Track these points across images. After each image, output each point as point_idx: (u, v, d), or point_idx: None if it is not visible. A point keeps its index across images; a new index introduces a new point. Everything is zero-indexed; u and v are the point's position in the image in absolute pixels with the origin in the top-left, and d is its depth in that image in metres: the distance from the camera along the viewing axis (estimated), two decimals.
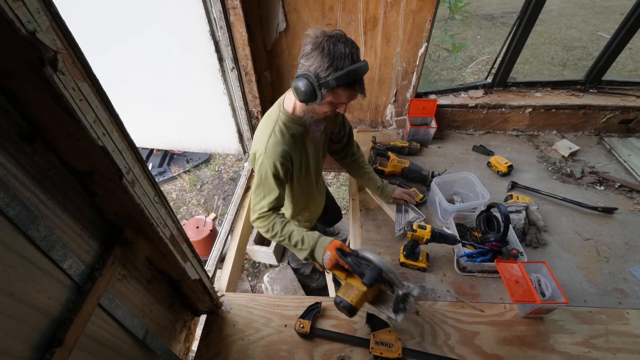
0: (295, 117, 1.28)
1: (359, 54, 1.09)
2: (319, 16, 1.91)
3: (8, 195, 0.53)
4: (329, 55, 1.04)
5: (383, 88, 2.22)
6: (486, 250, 1.45)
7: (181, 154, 3.75)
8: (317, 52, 1.05)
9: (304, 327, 1.26)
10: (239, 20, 1.74)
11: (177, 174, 3.58)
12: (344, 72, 1.04)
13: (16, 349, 0.56)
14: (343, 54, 1.04)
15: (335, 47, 1.04)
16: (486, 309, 1.36)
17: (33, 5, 0.45)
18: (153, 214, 0.80)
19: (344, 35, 1.07)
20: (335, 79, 1.05)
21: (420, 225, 1.39)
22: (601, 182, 1.96)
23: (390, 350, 1.18)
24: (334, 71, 1.05)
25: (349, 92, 1.12)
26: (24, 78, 0.50)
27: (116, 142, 0.65)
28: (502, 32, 5.88)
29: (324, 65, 1.05)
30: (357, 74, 1.07)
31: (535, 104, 2.21)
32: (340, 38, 1.06)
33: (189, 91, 1.95)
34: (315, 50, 1.05)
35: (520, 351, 1.23)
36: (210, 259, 1.74)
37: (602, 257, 1.57)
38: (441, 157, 2.16)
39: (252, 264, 2.75)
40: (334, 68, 1.05)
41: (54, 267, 0.64)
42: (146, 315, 1.00)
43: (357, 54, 1.08)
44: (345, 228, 2.85)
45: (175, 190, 3.50)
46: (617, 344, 1.25)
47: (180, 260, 0.98)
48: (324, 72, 1.05)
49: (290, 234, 1.27)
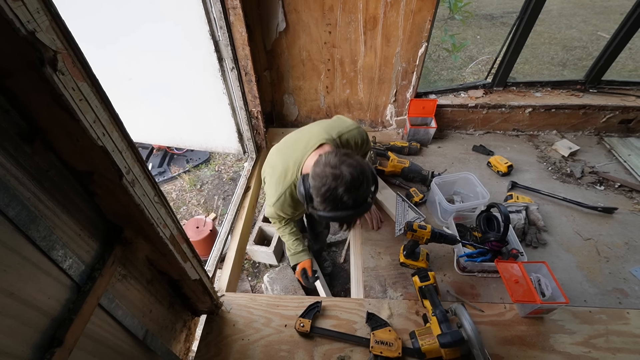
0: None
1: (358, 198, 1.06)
2: (319, 16, 1.91)
3: (8, 195, 0.52)
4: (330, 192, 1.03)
5: (383, 88, 2.22)
6: (486, 250, 1.45)
7: (181, 154, 3.74)
8: (321, 180, 1.04)
9: (304, 326, 1.26)
10: (238, 20, 1.74)
11: (177, 174, 3.58)
12: (329, 216, 1.10)
13: (16, 349, 0.56)
14: (347, 200, 1.04)
15: (344, 193, 1.03)
16: (486, 309, 1.36)
17: (33, 5, 0.45)
18: (153, 214, 0.80)
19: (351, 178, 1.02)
20: (319, 216, 1.11)
21: (420, 225, 1.39)
22: (601, 182, 1.96)
23: (390, 350, 1.18)
24: (328, 208, 1.07)
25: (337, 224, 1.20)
26: (23, 78, 0.50)
27: (116, 142, 0.65)
28: (502, 32, 5.87)
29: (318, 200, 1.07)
30: (345, 218, 1.13)
31: (535, 104, 2.21)
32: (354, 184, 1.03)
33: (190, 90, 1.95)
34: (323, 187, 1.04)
35: (520, 351, 1.23)
36: (210, 259, 1.73)
37: (602, 257, 1.57)
38: (441, 157, 2.16)
39: (252, 264, 2.75)
40: (329, 205, 1.06)
41: (54, 267, 0.64)
42: (146, 315, 1.00)
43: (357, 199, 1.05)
44: None
45: (175, 190, 3.49)
46: (617, 343, 1.25)
47: (180, 260, 0.98)
48: (315, 202, 1.09)
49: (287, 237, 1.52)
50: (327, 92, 2.29)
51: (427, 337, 1.16)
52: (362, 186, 1.05)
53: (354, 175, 1.02)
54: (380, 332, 1.23)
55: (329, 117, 2.44)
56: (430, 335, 1.17)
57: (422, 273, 1.32)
